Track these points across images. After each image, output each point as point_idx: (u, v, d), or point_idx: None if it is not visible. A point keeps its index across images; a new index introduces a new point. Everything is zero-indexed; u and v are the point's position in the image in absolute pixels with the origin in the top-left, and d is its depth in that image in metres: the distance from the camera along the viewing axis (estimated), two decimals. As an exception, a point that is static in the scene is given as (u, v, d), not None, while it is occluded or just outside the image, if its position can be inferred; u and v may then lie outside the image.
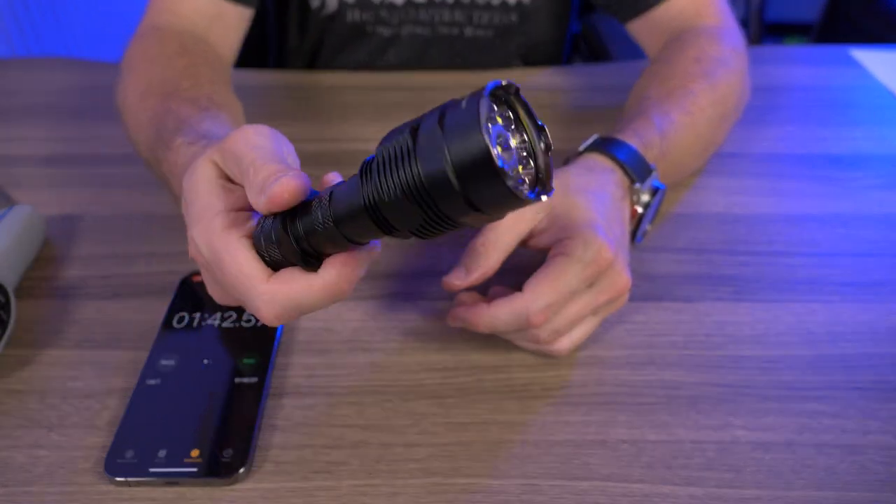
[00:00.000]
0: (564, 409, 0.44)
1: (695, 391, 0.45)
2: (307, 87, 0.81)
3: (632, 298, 0.47)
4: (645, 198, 0.51)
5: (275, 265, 0.35)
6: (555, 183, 0.47)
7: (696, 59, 0.62)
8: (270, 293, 0.34)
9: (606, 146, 0.51)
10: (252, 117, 0.75)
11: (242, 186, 0.36)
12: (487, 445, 0.42)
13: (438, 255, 0.56)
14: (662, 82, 0.60)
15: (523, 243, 0.47)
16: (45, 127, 0.73)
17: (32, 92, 0.80)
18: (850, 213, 0.61)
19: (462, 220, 0.29)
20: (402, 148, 0.28)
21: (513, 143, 0.29)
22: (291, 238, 0.33)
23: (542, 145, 0.30)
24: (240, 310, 0.49)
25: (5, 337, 0.47)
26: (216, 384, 0.44)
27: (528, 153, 0.30)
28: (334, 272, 0.33)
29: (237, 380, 0.44)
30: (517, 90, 0.29)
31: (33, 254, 0.55)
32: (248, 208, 0.37)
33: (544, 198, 0.28)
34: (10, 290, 0.47)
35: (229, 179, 0.37)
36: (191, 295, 0.50)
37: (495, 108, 0.28)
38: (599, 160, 0.50)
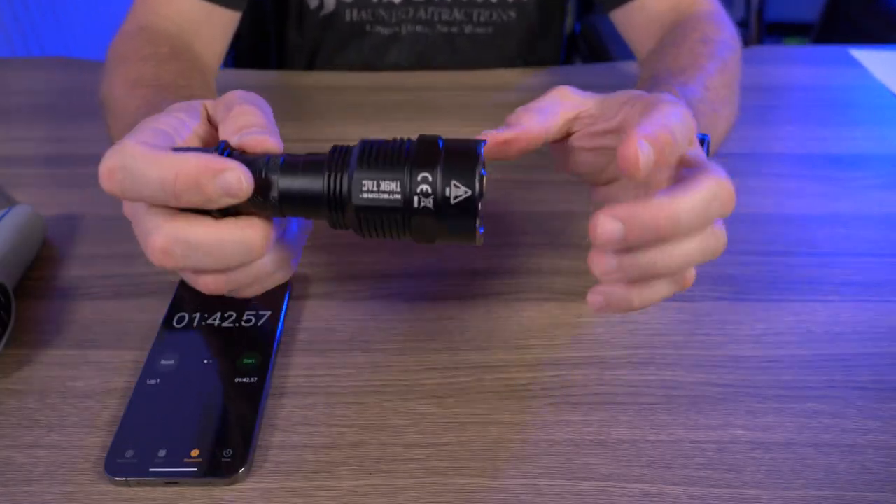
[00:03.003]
0: (564, 409, 0.44)
1: (694, 391, 0.45)
2: (307, 87, 0.81)
3: (632, 298, 0.46)
4: None
5: None
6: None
7: (702, 41, 0.60)
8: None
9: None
10: (252, 117, 0.75)
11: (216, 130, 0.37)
12: (487, 445, 0.42)
13: (439, 255, 0.56)
14: (674, 60, 0.57)
15: (565, 137, 0.43)
16: (45, 127, 0.73)
17: (32, 92, 0.80)
18: (850, 213, 0.61)
19: (408, 237, 0.35)
20: (396, 163, 0.34)
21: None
22: None
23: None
24: (240, 309, 0.49)
25: (5, 337, 0.47)
26: (216, 384, 0.44)
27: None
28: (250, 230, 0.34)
29: (237, 380, 0.44)
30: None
31: (33, 254, 0.55)
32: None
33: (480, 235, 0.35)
34: (10, 289, 0.47)
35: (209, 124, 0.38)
36: (191, 295, 0.50)
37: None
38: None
